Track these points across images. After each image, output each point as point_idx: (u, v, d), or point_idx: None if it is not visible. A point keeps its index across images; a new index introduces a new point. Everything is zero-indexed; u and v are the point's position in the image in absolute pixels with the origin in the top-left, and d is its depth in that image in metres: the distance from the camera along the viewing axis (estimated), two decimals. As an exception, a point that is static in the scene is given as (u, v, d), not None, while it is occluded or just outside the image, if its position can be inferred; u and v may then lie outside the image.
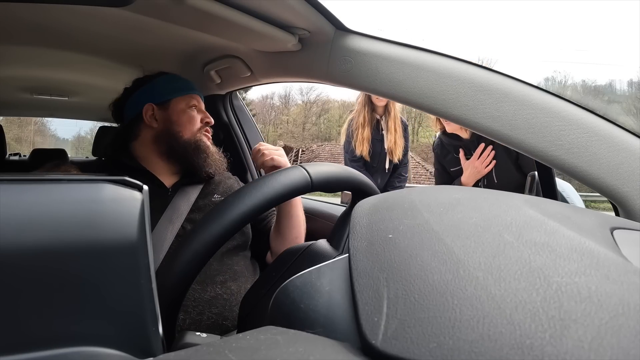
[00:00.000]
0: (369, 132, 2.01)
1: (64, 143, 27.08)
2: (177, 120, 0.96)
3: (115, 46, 1.15)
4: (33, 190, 0.23)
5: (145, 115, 0.96)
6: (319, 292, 0.26)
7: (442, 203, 0.28)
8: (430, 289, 0.20)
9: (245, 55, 1.05)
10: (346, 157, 2.11)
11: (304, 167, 0.49)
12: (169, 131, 0.95)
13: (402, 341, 0.18)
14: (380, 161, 2.06)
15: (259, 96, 28.61)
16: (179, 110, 0.97)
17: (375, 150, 2.04)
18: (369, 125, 2.02)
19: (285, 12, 0.74)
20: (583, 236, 0.23)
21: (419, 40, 11.15)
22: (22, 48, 1.17)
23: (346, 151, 2.10)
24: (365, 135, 2.00)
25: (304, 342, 0.20)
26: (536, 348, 0.15)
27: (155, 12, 0.78)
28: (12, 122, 21.82)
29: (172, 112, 0.97)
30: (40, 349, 0.21)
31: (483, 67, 0.68)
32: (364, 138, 2.01)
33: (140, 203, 0.24)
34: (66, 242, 0.22)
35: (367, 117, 2.01)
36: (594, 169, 0.60)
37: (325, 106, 27.59)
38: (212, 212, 0.43)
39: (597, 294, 0.17)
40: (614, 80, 23.75)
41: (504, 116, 0.64)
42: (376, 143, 2.04)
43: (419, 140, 20.97)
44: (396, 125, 2.03)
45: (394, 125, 2.03)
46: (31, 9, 0.88)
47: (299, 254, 0.51)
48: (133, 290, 0.23)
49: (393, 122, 2.03)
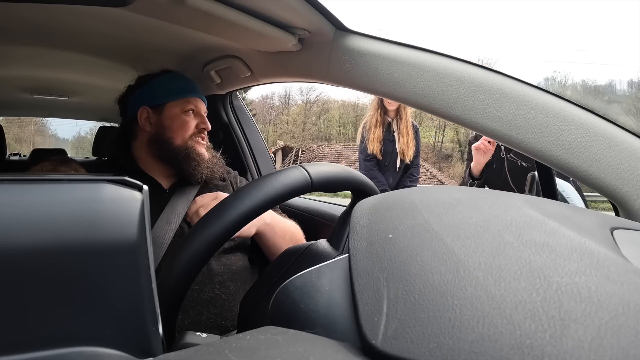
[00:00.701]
0: (380, 132, 2.16)
1: (64, 143, 27.09)
2: (170, 126, 0.94)
3: (116, 46, 1.15)
4: (33, 190, 0.23)
5: (140, 118, 0.96)
6: (319, 292, 0.26)
7: (442, 203, 0.28)
8: (430, 289, 0.20)
9: (245, 55, 1.05)
10: (360, 158, 2.26)
11: (304, 167, 0.49)
12: (161, 136, 0.94)
13: (402, 341, 0.18)
14: (391, 160, 2.20)
15: (259, 96, 28.63)
16: (172, 115, 0.95)
17: (387, 149, 2.18)
18: (381, 126, 2.17)
19: (285, 12, 0.74)
20: (583, 236, 0.23)
21: (419, 40, 11.15)
22: (22, 48, 1.17)
23: (360, 152, 2.25)
24: (377, 134, 2.16)
25: (304, 342, 0.20)
26: (536, 348, 0.15)
27: (155, 12, 0.78)
28: (12, 122, 21.82)
29: (166, 116, 0.95)
30: (40, 349, 0.21)
31: (483, 67, 0.68)
32: (376, 137, 2.15)
33: (140, 203, 0.24)
34: (66, 242, 0.22)
35: (379, 119, 2.17)
36: (594, 169, 0.60)
37: (325, 106, 27.60)
38: (212, 212, 0.43)
39: (597, 294, 0.17)
40: (614, 80, 23.77)
41: (504, 116, 0.64)
42: (388, 143, 2.18)
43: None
44: (407, 129, 2.17)
45: (406, 129, 2.17)
46: (31, 9, 0.88)
47: (299, 254, 0.51)
48: (133, 290, 0.23)
49: (405, 126, 2.17)
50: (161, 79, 0.99)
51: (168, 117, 0.95)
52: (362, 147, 2.22)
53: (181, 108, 0.95)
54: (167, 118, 0.95)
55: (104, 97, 2.02)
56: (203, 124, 0.98)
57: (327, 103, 27.46)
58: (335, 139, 24.95)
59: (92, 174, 0.26)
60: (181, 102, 0.96)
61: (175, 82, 0.99)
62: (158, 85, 0.98)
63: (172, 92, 0.97)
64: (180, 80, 1.00)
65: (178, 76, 1.01)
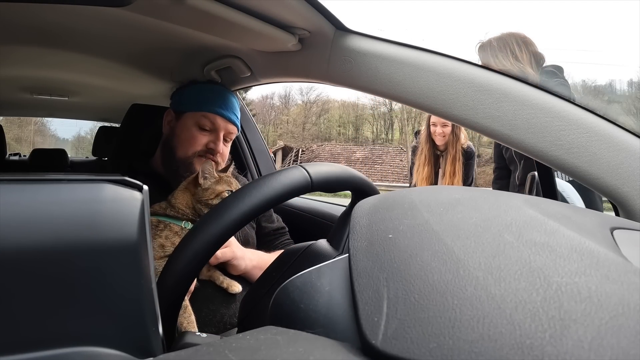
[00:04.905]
0: (430, 171, 2.15)
1: (64, 143, 27.08)
2: (179, 136, 0.92)
3: (115, 46, 1.15)
4: (33, 190, 0.23)
5: (165, 118, 0.97)
6: (319, 292, 0.26)
7: (442, 203, 0.28)
8: (430, 289, 0.20)
9: (245, 55, 1.05)
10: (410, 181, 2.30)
11: (304, 167, 0.49)
12: (169, 143, 0.94)
13: (402, 341, 0.18)
14: None
15: (259, 96, 28.61)
16: (186, 125, 0.92)
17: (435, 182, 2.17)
18: (430, 164, 2.15)
19: (285, 12, 0.74)
20: (583, 236, 0.23)
21: (419, 40, 11.13)
22: (22, 48, 1.17)
23: (411, 175, 2.28)
24: (426, 174, 2.14)
25: (304, 342, 0.20)
26: (536, 348, 0.15)
27: (155, 12, 0.78)
28: (12, 122, 21.82)
29: (181, 125, 0.93)
30: (41, 349, 0.21)
31: (483, 67, 0.68)
32: (424, 178, 2.14)
33: (140, 203, 0.24)
34: (66, 242, 0.22)
35: (427, 156, 2.15)
36: (594, 169, 0.60)
37: (325, 106, 27.59)
38: (212, 212, 0.43)
39: (597, 294, 0.17)
40: (614, 80, 23.77)
41: (504, 116, 0.64)
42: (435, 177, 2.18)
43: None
44: (455, 167, 2.11)
45: (452, 168, 2.11)
46: (31, 9, 0.88)
47: (299, 254, 0.51)
48: (133, 290, 0.23)
49: (451, 164, 2.11)
50: (196, 87, 0.97)
51: (182, 127, 0.93)
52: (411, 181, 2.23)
53: (196, 121, 0.91)
54: (181, 127, 0.93)
55: (104, 97, 2.02)
56: (214, 144, 0.91)
57: (327, 103, 27.48)
58: (335, 139, 24.95)
59: (92, 174, 0.26)
60: (199, 115, 0.91)
61: (205, 94, 0.95)
62: (189, 92, 0.96)
63: (195, 103, 0.93)
64: (212, 93, 0.96)
65: (213, 89, 0.97)
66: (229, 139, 0.96)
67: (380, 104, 24.64)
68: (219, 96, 0.95)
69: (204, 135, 0.91)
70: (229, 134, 0.95)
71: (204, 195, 0.77)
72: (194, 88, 0.97)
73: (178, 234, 0.74)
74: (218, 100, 0.94)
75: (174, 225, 0.75)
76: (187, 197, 0.78)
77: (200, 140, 0.91)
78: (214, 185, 0.78)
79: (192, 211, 0.78)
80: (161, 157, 0.97)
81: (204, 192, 0.77)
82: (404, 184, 15.39)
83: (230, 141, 0.97)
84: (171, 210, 0.77)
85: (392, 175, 17.99)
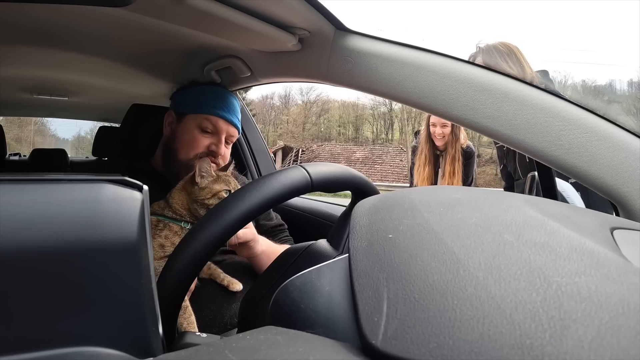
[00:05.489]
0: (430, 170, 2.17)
1: (64, 143, 27.05)
2: (180, 137, 0.92)
3: (115, 46, 1.15)
4: (33, 190, 0.23)
5: (165, 120, 0.97)
6: (319, 292, 0.26)
7: (442, 203, 0.28)
8: (430, 289, 0.20)
9: (245, 55, 1.05)
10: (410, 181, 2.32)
11: (304, 167, 0.49)
12: (170, 144, 0.94)
13: (402, 341, 0.18)
14: None
15: (259, 96, 28.59)
16: (187, 127, 0.92)
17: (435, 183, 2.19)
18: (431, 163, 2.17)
19: (285, 12, 0.74)
20: (583, 236, 0.23)
21: (419, 40, 11.18)
22: (22, 48, 1.17)
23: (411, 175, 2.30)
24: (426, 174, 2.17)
25: (304, 342, 0.20)
26: (536, 348, 0.15)
27: (155, 12, 0.78)
28: (12, 122, 21.80)
29: (182, 127, 0.93)
30: (41, 349, 0.21)
31: (483, 67, 0.68)
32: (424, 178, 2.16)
33: (140, 203, 0.24)
34: (66, 242, 0.22)
35: (428, 156, 2.17)
36: (594, 169, 0.60)
37: (325, 106, 27.58)
38: (212, 212, 0.43)
39: (597, 294, 0.17)
40: (614, 80, 23.76)
41: (504, 116, 0.64)
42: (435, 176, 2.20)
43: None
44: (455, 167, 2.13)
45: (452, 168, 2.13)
46: (31, 9, 0.88)
47: (299, 254, 0.51)
48: (133, 290, 0.23)
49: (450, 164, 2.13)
50: (198, 89, 0.97)
51: (183, 128, 0.92)
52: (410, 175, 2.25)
53: (198, 124, 0.91)
54: (182, 129, 0.93)
55: (104, 97, 2.02)
56: (215, 147, 0.91)
57: (327, 103, 27.47)
58: (335, 139, 24.95)
59: (92, 174, 0.26)
60: (200, 117, 0.91)
61: (207, 96, 0.95)
62: (190, 94, 0.96)
63: (197, 104, 0.93)
64: (213, 95, 0.95)
65: (214, 91, 0.97)
66: (230, 141, 0.96)
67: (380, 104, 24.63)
68: (220, 98, 0.95)
69: (205, 138, 0.91)
70: (230, 136, 0.95)
71: (201, 195, 0.75)
72: (195, 89, 0.97)
73: (178, 233, 0.74)
74: (220, 103, 0.93)
75: (173, 225, 0.75)
76: (183, 197, 0.77)
77: (202, 143, 0.91)
78: (211, 184, 0.76)
79: (188, 212, 0.76)
80: (162, 158, 0.97)
81: (201, 191, 0.75)
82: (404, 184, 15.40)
83: (231, 143, 0.97)
84: (169, 211, 0.76)
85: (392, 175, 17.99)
